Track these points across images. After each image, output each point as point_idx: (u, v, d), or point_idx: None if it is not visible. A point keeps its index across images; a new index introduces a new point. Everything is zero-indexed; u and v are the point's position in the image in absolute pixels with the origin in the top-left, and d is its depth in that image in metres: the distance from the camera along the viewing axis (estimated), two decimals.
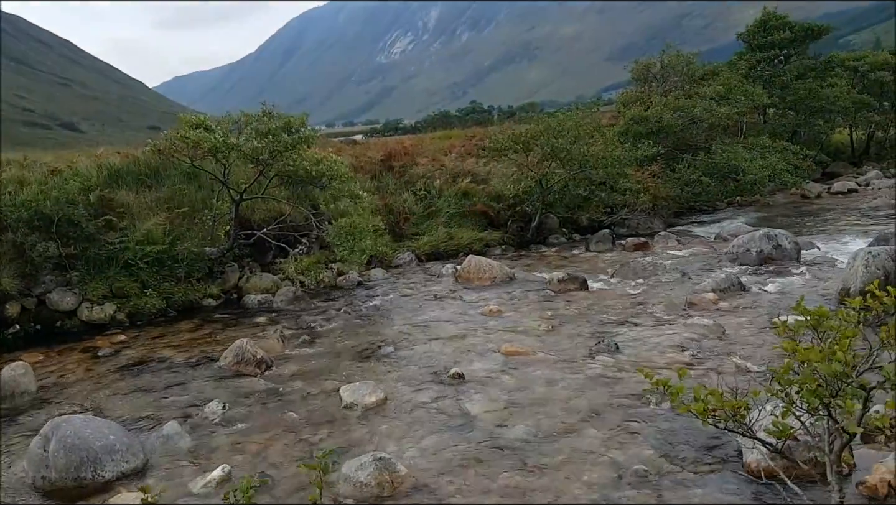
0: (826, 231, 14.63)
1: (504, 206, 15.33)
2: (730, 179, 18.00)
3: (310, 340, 8.64)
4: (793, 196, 20.04)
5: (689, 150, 18.65)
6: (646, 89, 20.99)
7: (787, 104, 24.51)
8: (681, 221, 17.36)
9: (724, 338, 7.61)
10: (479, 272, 11.42)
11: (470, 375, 6.86)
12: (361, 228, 10.25)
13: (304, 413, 6.17)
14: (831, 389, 2.65)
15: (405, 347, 8.08)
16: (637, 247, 13.80)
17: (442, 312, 9.65)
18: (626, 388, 6.25)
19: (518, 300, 10.08)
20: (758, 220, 16.60)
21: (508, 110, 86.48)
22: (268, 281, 11.46)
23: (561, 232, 15.83)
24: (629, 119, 18.56)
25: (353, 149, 19.10)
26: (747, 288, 9.74)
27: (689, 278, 10.66)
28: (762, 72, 25.39)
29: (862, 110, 25.32)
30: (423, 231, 14.34)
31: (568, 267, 12.24)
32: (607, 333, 8.03)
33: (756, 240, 11.58)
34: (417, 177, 15.65)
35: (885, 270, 8.28)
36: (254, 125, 10.35)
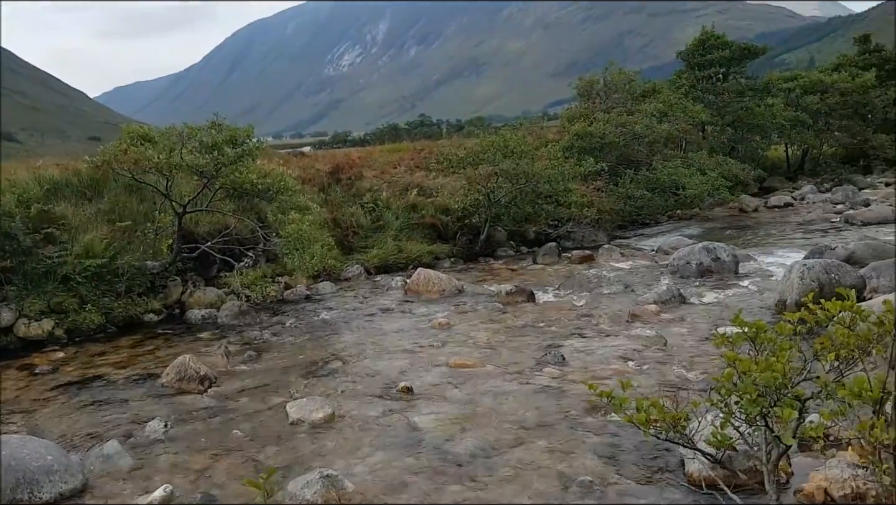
0: (763, 244, 15.14)
1: (453, 219, 15.41)
2: (670, 194, 18.50)
3: (255, 355, 8.51)
4: (731, 210, 20.68)
5: (631, 166, 19.10)
6: (589, 105, 21.45)
7: (725, 121, 25.35)
8: (624, 234, 17.72)
9: (665, 349, 7.79)
10: (428, 285, 11.45)
11: (419, 388, 6.86)
12: (310, 236, 10.16)
13: (250, 430, 6.07)
14: (769, 399, 2.75)
15: (354, 362, 8.03)
16: (582, 259, 14.04)
17: (391, 326, 9.64)
18: (573, 399, 6.35)
19: (467, 313, 10.13)
20: (698, 233, 17.07)
21: (457, 124, 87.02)
22: (212, 295, 11.25)
23: (509, 245, 15.98)
24: (574, 134, 18.92)
25: (300, 161, 18.95)
26: (688, 300, 10.01)
27: (632, 290, 10.89)
28: (701, 89, 26.22)
29: (797, 127, 26.35)
30: (372, 244, 14.30)
31: (516, 279, 12.37)
32: (554, 345, 8.13)
33: (696, 253, 11.91)
34: (365, 190, 15.62)
35: (819, 281, 8.61)
36: (199, 137, 10.17)
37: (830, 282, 8.56)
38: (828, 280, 8.59)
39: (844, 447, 4.49)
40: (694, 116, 21.89)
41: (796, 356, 2.94)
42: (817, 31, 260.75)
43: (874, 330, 2.64)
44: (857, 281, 8.81)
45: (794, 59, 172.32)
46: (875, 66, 31.91)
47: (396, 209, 15.40)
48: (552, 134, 21.62)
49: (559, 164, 15.66)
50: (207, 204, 11.37)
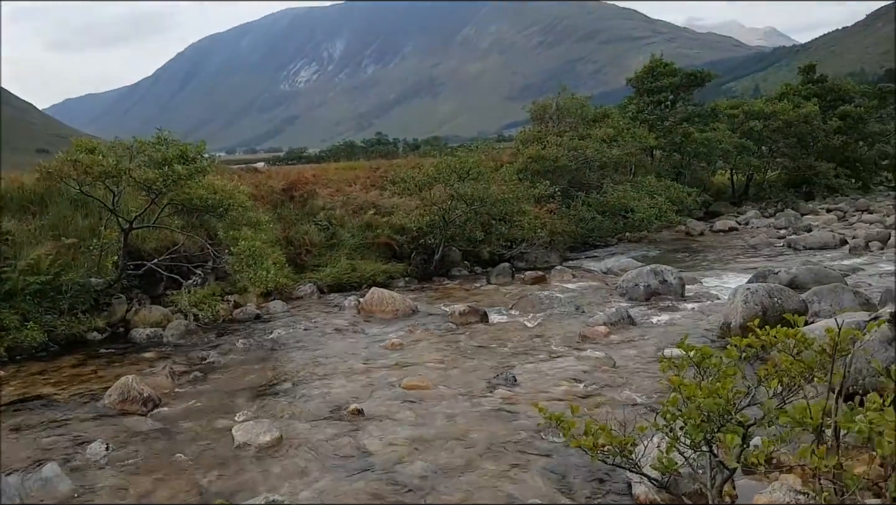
0: (709, 267, 15.50)
1: (408, 239, 15.40)
2: (620, 217, 18.85)
3: (202, 376, 8.32)
4: (678, 233, 21.15)
5: (583, 189, 19.43)
6: (543, 129, 21.78)
7: (672, 146, 26.00)
8: (576, 256, 17.95)
9: (614, 370, 7.89)
10: (381, 305, 11.39)
11: (370, 410, 6.79)
12: (262, 252, 10.01)
13: (194, 454, 5.92)
14: (713, 425, 2.80)
15: (304, 383, 7.92)
16: (535, 280, 14.17)
17: (343, 346, 9.54)
18: (524, 421, 6.36)
19: (420, 333, 10.10)
20: (646, 255, 17.41)
21: (413, 143, 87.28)
22: (158, 314, 10.99)
23: (463, 265, 16.04)
24: (527, 157, 19.16)
25: (254, 177, 18.72)
26: (636, 322, 10.16)
27: (582, 312, 11.02)
28: (650, 115, 26.88)
29: (742, 154, 27.18)
30: (326, 262, 14.19)
31: (470, 300, 12.40)
32: (506, 366, 8.16)
33: (644, 275, 12.13)
34: (319, 208, 15.51)
35: (762, 305, 8.85)
36: (148, 152, 9.97)
37: (773, 306, 8.80)
38: (771, 304, 8.83)
39: (788, 471, 4.60)
40: (642, 141, 22.39)
41: (741, 381, 3.00)
42: (763, 61, 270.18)
43: (817, 358, 2.72)
44: (800, 305, 9.07)
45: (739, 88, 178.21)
46: (818, 96, 33.20)
47: (351, 228, 15.33)
48: (506, 156, 21.85)
49: (513, 187, 15.82)
50: (155, 220, 11.13)
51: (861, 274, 13.56)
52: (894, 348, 6.80)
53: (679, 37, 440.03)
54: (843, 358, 2.68)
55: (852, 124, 32.69)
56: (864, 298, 9.77)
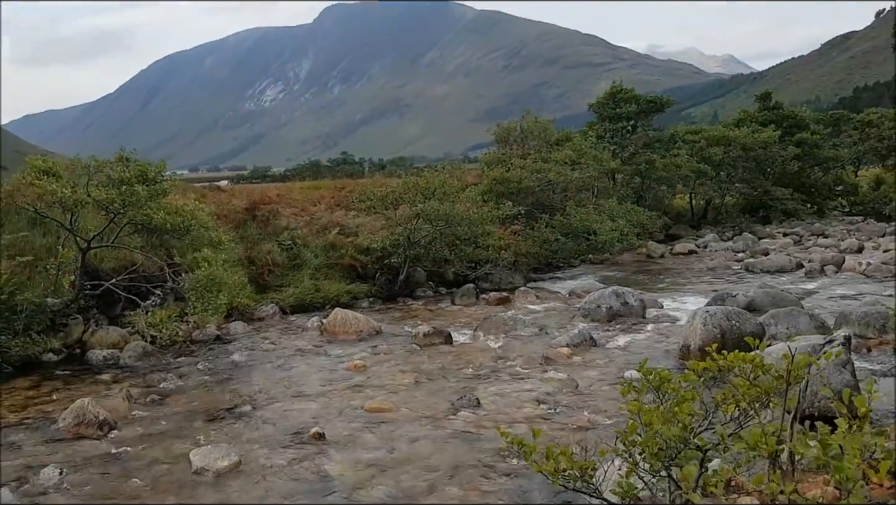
0: (669, 289, 15.73)
1: (372, 259, 15.33)
2: (583, 239, 19.06)
3: (159, 399, 8.15)
4: (639, 255, 21.42)
5: (547, 211, 19.61)
6: (507, 151, 21.98)
7: (633, 170, 26.46)
8: (540, 277, 18.07)
9: (577, 392, 7.93)
10: (344, 326, 11.30)
11: (331, 434, 6.71)
12: (220, 281, 9.86)
13: (150, 479, 5.78)
14: (671, 451, 2.83)
15: (264, 406, 7.80)
16: (499, 301, 14.21)
17: (305, 368, 9.43)
18: (487, 444, 6.35)
19: (384, 355, 10.04)
20: (608, 277, 17.59)
21: (379, 163, 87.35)
22: (115, 335, 10.74)
23: (428, 285, 16.02)
24: (492, 179, 19.30)
25: (217, 196, 18.51)
26: (598, 343, 10.25)
27: (546, 333, 11.07)
28: (611, 140, 27.34)
29: (700, 178, 27.74)
30: (289, 283, 14.04)
31: (434, 321, 12.37)
32: (470, 388, 8.15)
33: (606, 297, 12.25)
34: (283, 228, 15.38)
35: (721, 328, 9.00)
36: (106, 172, 9.80)
37: (732, 328, 8.96)
38: (729, 327, 8.98)
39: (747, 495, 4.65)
40: (604, 165, 22.74)
41: (700, 405, 3.03)
42: (721, 88, 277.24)
43: (773, 384, 2.77)
44: (757, 328, 9.24)
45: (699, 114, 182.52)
46: (774, 123, 34.10)
47: (315, 247, 15.23)
48: (472, 177, 21.97)
49: (478, 208, 15.90)
50: (114, 239, 10.92)
51: (816, 297, 13.89)
52: (849, 371, 6.97)
53: (640, 63, 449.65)
54: (799, 383, 2.74)
55: (808, 151, 33.60)
56: (819, 321, 10.01)
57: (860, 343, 9.41)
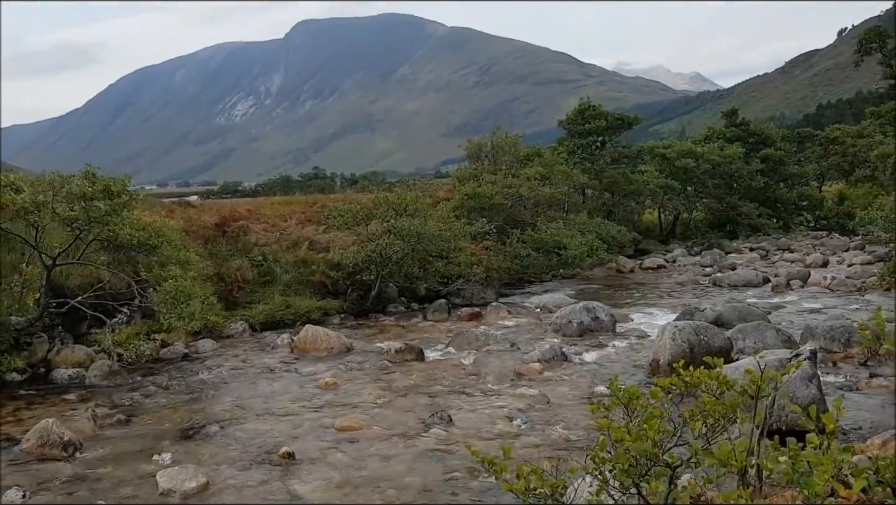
0: (639, 304, 15.87)
1: (344, 275, 15.25)
2: (554, 253, 19.18)
3: (125, 419, 8.00)
4: (609, 270, 21.59)
5: (518, 226, 19.72)
6: (478, 167, 22.10)
7: (603, 186, 26.75)
8: (512, 292, 18.12)
9: (548, 408, 7.95)
10: (315, 343, 11.20)
11: (301, 453, 6.63)
12: (189, 292, 9.73)
13: (116, 501, 5.66)
14: (641, 468, 2.84)
15: (233, 425, 7.68)
16: (471, 317, 14.22)
17: (275, 386, 9.33)
18: (458, 461, 6.32)
19: (355, 372, 9.97)
20: (579, 292, 17.71)
21: (351, 178, 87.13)
22: (81, 354, 10.55)
23: (400, 301, 15.97)
24: (463, 194, 19.38)
25: (186, 211, 18.30)
26: (569, 358, 10.29)
27: (517, 348, 11.10)
28: (581, 156, 27.66)
29: (668, 193, 28.14)
30: (259, 299, 13.89)
31: (406, 336, 12.34)
32: (441, 405, 8.12)
33: (577, 312, 12.32)
34: (252, 244, 15.24)
35: (689, 342, 9.09)
36: (70, 187, 9.63)
37: (700, 343, 9.06)
38: (697, 341, 9.09)
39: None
40: (574, 180, 22.96)
41: (669, 421, 3.05)
42: (688, 104, 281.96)
43: (738, 399, 2.80)
44: (725, 342, 9.37)
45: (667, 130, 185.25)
46: (740, 139, 34.76)
47: (285, 263, 15.10)
48: (443, 192, 22.04)
49: (450, 224, 15.93)
50: (80, 256, 10.73)
51: (783, 311, 14.12)
52: (815, 385, 7.08)
53: (609, 80, 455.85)
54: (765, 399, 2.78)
55: (773, 166, 34.30)
56: (786, 335, 10.18)
57: (826, 357, 9.56)
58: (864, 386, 8.28)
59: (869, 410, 7.49)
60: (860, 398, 7.91)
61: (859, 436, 6.76)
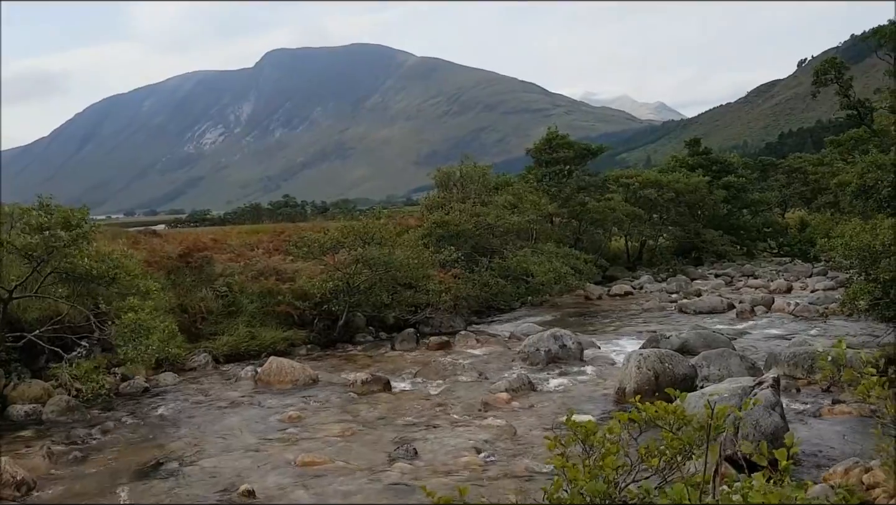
0: (606, 331, 15.93)
1: (311, 305, 15.08)
2: (522, 281, 19.22)
3: (82, 456, 7.77)
4: (578, 297, 21.68)
5: (486, 254, 19.75)
6: (447, 195, 22.17)
7: (570, 214, 27.00)
8: (481, 320, 18.09)
9: (514, 439, 7.88)
10: (280, 375, 11.03)
11: (262, 490, 6.48)
12: (148, 325, 9.53)
13: None
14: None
15: (192, 462, 7.49)
16: (439, 346, 14.14)
17: (237, 420, 9.13)
18: (421, 496, 6.19)
19: (320, 404, 9.82)
20: (548, 319, 17.72)
21: (322, 206, 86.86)
22: (38, 389, 10.25)
23: (368, 330, 15.84)
24: (432, 223, 19.38)
25: (149, 242, 18.03)
26: (537, 387, 10.26)
27: (485, 378, 11.04)
28: (548, 184, 27.93)
29: (634, 221, 28.46)
30: (223, 330, 13.67)
31: (373, 367, 12.23)
32: (407, 438, 8.01)
33: (544, 340, 12.32)
34: (217, 274, 15.02)
35: (654, 370, 9.13)
36: (27, 219, 9.44)
37: (665, 371, 9.10)
38: (662, 369, 9.12)
39: None
40: (541, 209, 23.14)
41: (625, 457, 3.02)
42: (653, 133, 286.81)
43: (695, 435, 2.79)
44: (689, 370, 9.41)
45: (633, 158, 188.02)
46: (703, 167, 35.38)
47: (251, 294, 14.90)
48: (413, 220, 22.04)
49: (418, 252, 15.90)
50: (37, 289, 10.48)
51: (748, 337, 14.27)
52: (778, 413, 7.13)
53: (576, 110, 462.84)
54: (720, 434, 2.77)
55: (735, 194, 34.92)
56: (749, 362, 10.26)
57: (790, 383, 9.66)
58: (827, 413, 8.36)
59: (831, 438, 7.55)
60: (823, 425, 7.98)
61: (822, 463, 6.81)
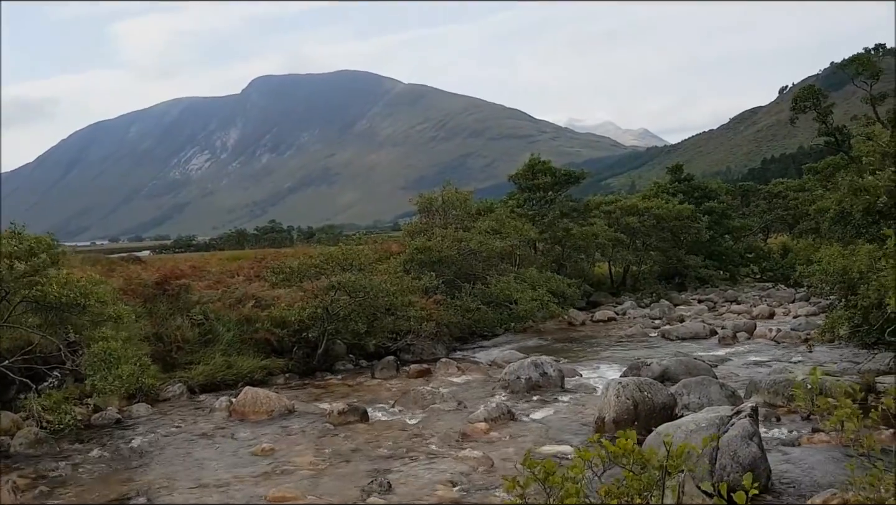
0: (589, 358, 15.83)
1: (289, 332, 14.90)
2: (504, 307, 19.14)
3: (48, 490, 7.56)
4: (561, 323, 21.61)
5: (469, 280, 19.67)
6: (429, 221, 22.13)
7: (553, 239, 27.05)
8: (463, 346, 17.95)
9: (492, 471, 7.73)
10: (255, 406, 10.83)
11: None
12: (119, 354, 9.34)
13: None
14: None
15: (161, 497, 7.29)
16: (420, 374, 13.98)
17: (209, 453, 8.92)
18: None
19: (295, 436, 9.63)
20: (530, 345, 17.62)
21: (308, 231, 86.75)
22: (7, 421, 9.99)
23: (348, 358, 15.66)
24: (414, 249, 19.31)
25: (126, 269, 17.84)
26: (516, 417, 10.11)
27: (464, 407, 10.88)
28: (531, 210, 28.02)
29: (616, 247, 28.56)
30: (199, 359, 13.44)
31: (352, 396, 12.05)
32: (382, 470, 7.85)
33: (525, 367, 12.20)
34: (194, 302, 14.82)
35: (633, 399, 9.02)
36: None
37: (644, 399, 9.00)
38: (641, 398, 9.02)
39: None
40: (524, 234, 23.16)
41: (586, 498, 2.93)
42: (637, 159, 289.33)
43: (654, 475, 2.70)
44: (668, 399, 9.32)
45: (617, 184, 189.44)
46: (684, 193, 35.69)
47: (228, 322, 14.70)
48: (397, 245, 21.96)
49: (399, 279, 15.79)
50: (7, 318, 10.27)
51: (729, 364, 14.20)
52: (756, 443, 7.02)
53: (561, 136, 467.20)
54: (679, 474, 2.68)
55: (717, 219, 35.20)
56: (730, 390, 10.18)
57: (770, 412, 9.58)
58: (807, 441, 8.28)
59: (811, 467, 7.46)
60: (802, 454, 7.89)
61: (802, 492, 6.72)
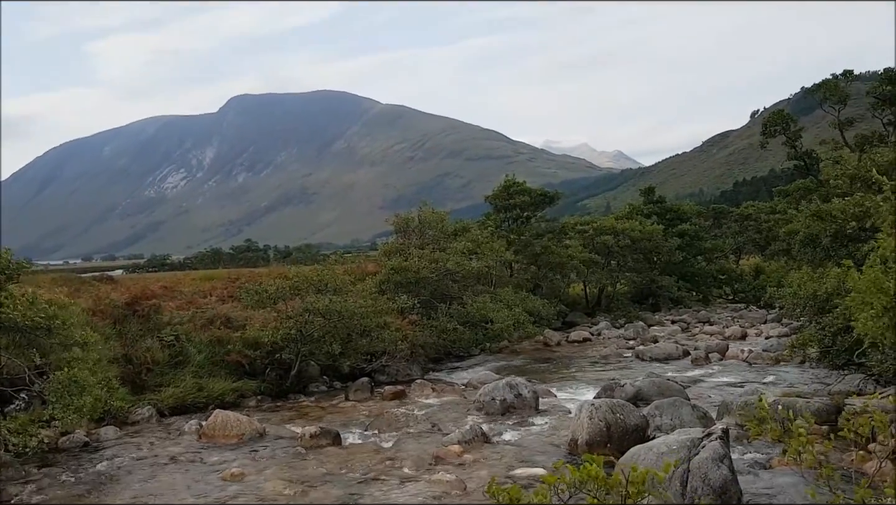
0: (564, 378, 15.85)
1: (262, 354, 14.73)
2: (480, 327, 19.12)
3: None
4: (537, 343, 21.65)
5: (445, 300, 19.64)
6: (405, 241, 22.10)
7: (529, 259, 27.16)
8: (438, 367, 17.89)
9: (464, 494, 7.68)
10: (225, 429, 10.67)
11: None
12: (83, 382, 9.15)
13: None
14: None
15: None
16: (394, 396, 13.89)
17: (175, 478, 8.75)
18: None
19: (265, 460, 9.49)
20: (506, 366, 17.60)
21: (285, 250, 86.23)
22: None
23: (322, 380, 15.52)
24: (390, 269, 19.26)
25: (97, 289, 17.55)
26: (490, 439, 10.07)
27: (438, 429, 10.82)
28: (506, 230, 28.14)
29: (592, 267, 28.73)
30: (169, 381, 13.23)
31: (325, 418, 11.93)
32: (354, 495, 7.77)
33: (500, 389, 12.17)
34: (165, 323, 14.61)
35: (606, 421, 9.03)
36: None
37: (616, 421, 9.01)
38: (614, 420, 9.04)
39: None
40: (500, 255, 23.22)
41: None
42: (612, 181, 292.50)
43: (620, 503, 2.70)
44: (641, 420, 9.34)
45: (593, 205, 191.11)
46: (657, 215, 36.06)
47: (199, 343, 14.51)
48: (372, 266, 21.88)
49: (374, 300, 15.72)
50: None
51: (702, 385, 14.30)
52: (727, 465, 7.05)
53: (538, 157, 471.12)
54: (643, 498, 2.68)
55: (689, 241, 35.60)
56: (701, 411, 10.23)
57: (741, 433, 9.62)
58: (777, 463, 8.33)
59: (781, 489, 7.52)
60: (773, 476, 7.94)
61: None
